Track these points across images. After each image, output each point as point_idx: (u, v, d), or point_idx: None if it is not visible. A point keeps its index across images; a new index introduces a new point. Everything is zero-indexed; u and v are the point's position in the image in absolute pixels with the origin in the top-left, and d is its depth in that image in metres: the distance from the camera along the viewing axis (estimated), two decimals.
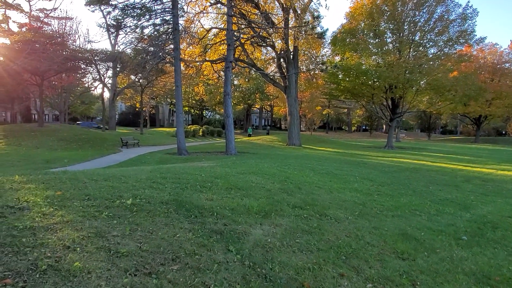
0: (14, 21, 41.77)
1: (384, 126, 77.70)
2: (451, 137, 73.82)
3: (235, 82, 53.84)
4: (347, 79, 32.99)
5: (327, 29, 29.16)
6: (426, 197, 9.32)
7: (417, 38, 33.11)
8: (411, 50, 33.16)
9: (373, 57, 33.33)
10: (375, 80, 32.24)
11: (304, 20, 26.58)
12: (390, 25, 33.87)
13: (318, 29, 23.07)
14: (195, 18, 29.06)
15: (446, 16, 31.64)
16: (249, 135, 50.61)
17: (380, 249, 4.53)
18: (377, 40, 33.44)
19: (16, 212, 3.52)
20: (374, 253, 4.36)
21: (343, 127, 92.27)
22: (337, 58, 40.07)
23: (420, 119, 71.32)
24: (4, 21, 38.24)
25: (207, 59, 29.48)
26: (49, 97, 43.28)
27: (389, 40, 34.29)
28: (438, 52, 32.87)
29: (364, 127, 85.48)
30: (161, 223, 3.81)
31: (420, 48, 33.30)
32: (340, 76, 33.31)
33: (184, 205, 4.50)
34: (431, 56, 33.31)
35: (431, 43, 33.47)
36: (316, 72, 40.67)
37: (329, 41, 34.98)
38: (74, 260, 2.66)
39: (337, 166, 14.88)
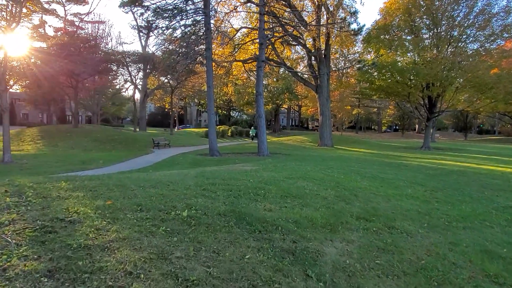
0: (50, 26, 43.13)
1: (416, 126, 74.97)
2: (489, 137, 70.21)
3: (264, 82, 53.17)
4: (382, 77, 31.74)
5: (363, 25, 28.09)
6: (486, 204, 8.46)
7: (455, 33, 31.43)
8: (449, 46, 31.52)
9: (409, 54, 31.95)
10: (412, 78, 30.83)
11: (338, 17, 25.82)
12: (426, 20, 32.39)
13: (354, 26, 22.15)
14: (225, 18, 28.83)
15: (488, 10, 29.84)
16: (252, 138, 43.38)
17: (470, 272, 3.88)
18: (412, 36, 32.05)
19: (67, 226, 3.15)
20: (466, 277, 3.73)
21: (372, 127, 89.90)
22: (368, 57, 38.85)
23: (456, 118, 68.22)
24: (41, 25, 39.50)
25: (237, 59, 29.18)
26: (82, 99, 44.39)
27: (425, 36, 32.79)
28: (479, 48, 31.06)
29: (395, 127, 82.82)
30: (224, 241, 3.34)
31: (459, 43, 31.58)
32: (374, 74, 32.10)
33: (243, 217, 4.03)
34: (470, 52, 31.53)
35: (471, 38, 31.70)
36: (348, 71, 39.62)
37: (362, 38, 33.82)
38: None
39: (379, 169, 14.06)
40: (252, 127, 48.35)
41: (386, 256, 3.79)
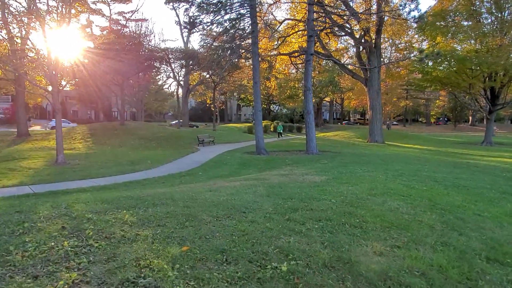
0: (96, 25, 44.21)
1: (470, 118, 69.90)
2: None
3: None
4: (438, 67, 29.23)
5: (425, 12, 25.52)
6: None
7: None
8: None
9: (470, 41, 29.19)
10: (474, 67, 28.07)
11: (391, 4, 23.92)
12: (487, 3, 29.40)
13: (414, 13, 20.23)
14: (268, 10, 27.80)
15: None
16: (280, 134, 38.88)
17: None
18: (473, 21, 29.21)
19: None
20: None
21: (420, 119, 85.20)
22: (417, 45, 36.18)
23: None
24: (88, 25, 40.49)
25: (281, 52, 28.09)
26: (127, 96, 45.37)
27: (488, 21, 29.83)
28: None
29: (445, 119, 77.69)
30: None
31: None
32: (429, 64, 29.65)
33: (357, 270, 3.04)
34: None
35: None
36: (396, 61, 37.15)
37: (416, 25, 31.32)
38: None
39: (449, 171, 12.52)
40: (279, 123, 44.53)
41: None
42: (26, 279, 2.52)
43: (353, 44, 32.75)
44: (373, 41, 28.03)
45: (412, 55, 28.34)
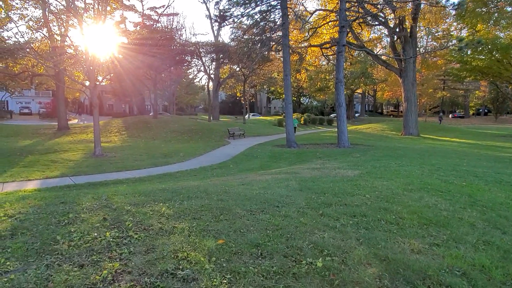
0: (130, 21, 45.37)
1: None
2: None
3: None
4: (478, 56, 27.74)
5: None
6: None
7: None
8: None
9: None
10: None
11: None
12: None
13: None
14: (298, 1, 27.37)
15: None
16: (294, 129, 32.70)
17: None
18: None
19: None
20: None
21: (457, 111, 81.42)
22: (455, 33, 34.49)
23: None
24: (122, 21, 41.63)
25: (312, 44, 27.64)
26: (159, 89, 46.42)
27: None
28: None
29: (485, 111, 73.76)
30: None
31: None
32: (469, 53, 28.21)
33: (395, 269, 2.98)
34: None
35: None
36: (433, 51, 35.58)
37: (454, 13, 29.85)
38: None
39: (490, 166, 11.94)
40: (295, 119, 40.31)
41: None
42: (73, 268, 2.66)
43: (387, 33, 31.67)
44: (408, 30, 26.97)
45: (450, 44, 27.08)
